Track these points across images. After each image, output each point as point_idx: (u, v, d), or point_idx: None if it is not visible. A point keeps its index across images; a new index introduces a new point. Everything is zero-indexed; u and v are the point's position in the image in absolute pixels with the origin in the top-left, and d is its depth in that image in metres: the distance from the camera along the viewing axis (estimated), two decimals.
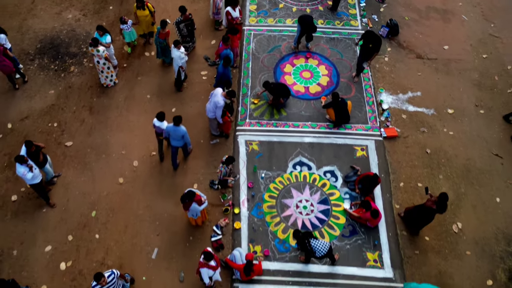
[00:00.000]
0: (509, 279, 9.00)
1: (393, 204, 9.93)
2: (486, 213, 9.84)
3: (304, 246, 8.40)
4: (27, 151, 9.20)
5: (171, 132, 9.65)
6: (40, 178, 9.35)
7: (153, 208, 10.02)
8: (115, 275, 7.64)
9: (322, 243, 8.41)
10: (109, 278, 7.54)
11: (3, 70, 11.07)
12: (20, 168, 8.91)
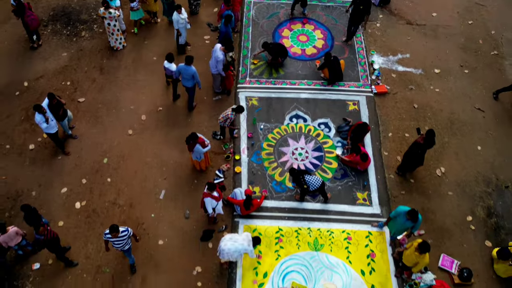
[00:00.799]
0: (487, 215, 9.73)
1: (381, 152, 10.66)
2: (468, 159, 10.57)
3: (299, 181, 9.14)
4: (49, 103, 9.89)
5: (182, 71, 10.37)
6: (55, 129, 10.06)
7: (160, 156, 10.75)
8: (128, 233, 8.17)
9: (315, 178, 9.15)
10: (122, 234, 8.04)
11: (32, 25, 11.86)
12: (37, 116, 9.61)
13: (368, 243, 9.29)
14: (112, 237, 7.95)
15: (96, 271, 9.09)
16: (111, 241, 8.08)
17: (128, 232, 8.16)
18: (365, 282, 8.82)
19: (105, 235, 8.03)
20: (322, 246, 9.23)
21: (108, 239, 8.10)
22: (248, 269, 9.01)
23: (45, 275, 9.05)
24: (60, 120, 10.30)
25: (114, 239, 8.01)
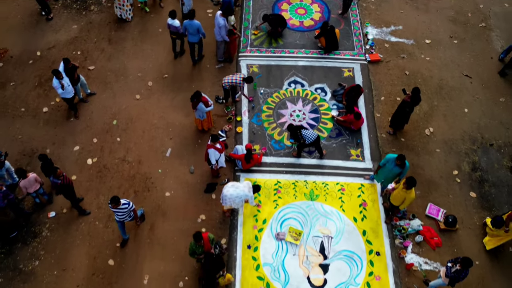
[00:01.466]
0: (472, 169, 10.34)
1: (374, 113, 11.27)
2: (455, 120, 11.17)
3: (296, 135, 9.75)
4: (65, 67, 10.48)
5: (188, 26, 11.08)
6: (71, 94, 10.65)
7: (166, 118, 11.36)
8: (129, 206, 8.37)
9: (311, 132, 9.76)
10: (123, 206, 8.26)
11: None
12: (55, 81, 10.20)
13: (361, 193, 9.91)
14: (113, 208, 8.22)
15: (107, 220, 9.72)
16: (113, 211, 8.38)
17: (129, 206, 8.36)
18: (357, 227, 9.44)
19: (109, 204, 8.30)
20: (318, 197, 9.85)
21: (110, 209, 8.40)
22: (249, 216, 9.63)
23: (60, 222, 9.68)
24: (74, 85, 10.87)
25: (115, 209, 8.29)
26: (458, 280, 7.74)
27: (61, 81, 10.08)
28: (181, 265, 9.10)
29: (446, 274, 7.83)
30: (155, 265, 9.10)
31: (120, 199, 8.21)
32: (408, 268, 8.93)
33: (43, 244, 9.36)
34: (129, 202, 8.40)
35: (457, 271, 7.66)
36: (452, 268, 7.76)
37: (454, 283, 7.85)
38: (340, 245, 9.19)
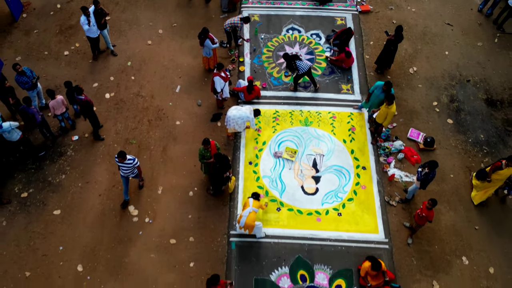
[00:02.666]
0: (450, 101, 11.38)
1: (364, 55, 12.31)
2: (436, 61, 12.21)
3: (291, 65, 10.77)
4: (95, 9, 11.45)
5: None
6: (96, 35, 11.63)
7: (176, 61, 12.40)
8: (134, 162, 8.74)
9: (304, 63, 10.77)
10: (128, 161, 8.66)
11: None
12: (82, 17, 11.17)
13: (350, 120, 10.98)
14: (119, 162, 8.64)
15: (124, 143, 10.80)
16: (119, 165, 8.79)
17: (134, 162, 8.75)
18: (346, 147, 10.52)
19: (115, 158, 8.74)
20: (311, 123, 10.92)
21: (117, 163, 8.79)
22: (250, 139, 10.70)
23: (82, 144, 10.76)
24: (101, 29, 11.79)
25: (121, 164, 8.70)
26: (428, 181, 8.82)
27: (88, 17, 11.06)
28: (191, 179, 10.19)
29: (417, 177, 8.91)
30: (168, 179, 10.19)
31: (127, 154, 8.66)
32: (390, 180, 10.02)
33: (68, 161, 10.45)
34: (134, 159, 8.81)
35: (426, 174, 8.74)
36: (422, 171, 8.84)
37: (425, 185, 8.93)
38: (330, 161, 10.27)
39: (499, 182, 9.29)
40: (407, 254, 9.03)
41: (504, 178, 9.17)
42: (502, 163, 8.97)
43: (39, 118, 9.86)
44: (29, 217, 9.58)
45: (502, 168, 8.98)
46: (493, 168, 9.12)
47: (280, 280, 8.68)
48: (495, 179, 9.17)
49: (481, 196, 9.56)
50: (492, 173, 9.14)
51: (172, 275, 8.85)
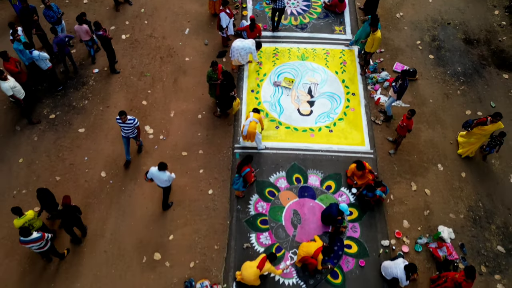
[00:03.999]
0: (432, 40, 12.46)
1: (355, 3, 13.40)
2: (421, 7, 13.27)
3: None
4: None
5: None
6: None
7: (184, 8, 13.45)
8: (134, 122, 9.12)
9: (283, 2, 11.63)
10: (129, 121, 9.05)
11: None
12: None
13: (342, 56, 12.08)
14: (121, 120, 8.99)
15: (140, 75, 11.91)
16: (121, 125, 9.19)
17: (134, 122, 9.14)
18: (338, 78, 11.64)
19: (117, 119, 9.18)
20: (307, 58, 12.03)
21: (118, 123, 9.21)
22: (252, 71, 11.82)
23: (102, 76, 11.87)
24: None
25: (123, 124, 9.11)
26: (403, 90, 9.92)
27: None
28: (199, 105, 11.31)
29: (394, 90, 10.04)
30: (179, 105, 11.31)
31: (127, 115, 9.13)
32: (376, 104, 11.14)
33: (90, 90, 11.58)
34: (134, 119, 9.21)
35: (400, 85, 9.86)
36: (396, 84, 9.95)
37: (400, 95, 10.04)
38: (324, 89, 11.39)
39: (483, 138, 9.69)
40: (389, 162, 10.18)
41: (487, 133, 9.55)
42: (488, 119, 9.32)
43: (68, 49, 10.98)
44: (57, 134, 10.71)
45: (486, 123, 9.31)
46: (478, 122, 9.48)
47: (278, 182, 9.84)
48: (479, 134, 9.58)
49: (467, 151, 10.14)
50: (476, 126, 9.51)
51: (184, 179, 10.01)
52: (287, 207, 9.47)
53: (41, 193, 8.54)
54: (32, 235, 7.69)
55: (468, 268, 7.39)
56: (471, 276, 7.31)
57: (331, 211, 8.80)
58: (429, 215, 9.40)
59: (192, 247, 9.06)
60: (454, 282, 7.50)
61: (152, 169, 8.71)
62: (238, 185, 9.21)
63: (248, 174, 9.11)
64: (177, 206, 9.61)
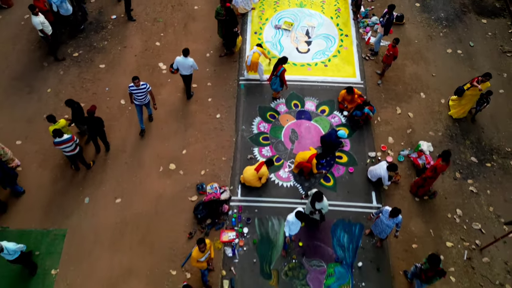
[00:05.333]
0: None
1: None
2: None
3: None
4: None
5: None
6: None
7: None
8: (147, 87, 9.55)
9: None
10: (142, 86, 9.42)
11: None
12: None
13: (336, 3, 13.16)
14: (135, 86, 9.39)
15: (153, 21, 12.99)
16: (134, 92, 9.57)
17: (146, 87, 9.55)
18: (333, 22, 12.72)
19: (129, 87, 9.60)
20: (305, 5, 13.11)
21: (131, 92, 9.58)
22: (255, 16, 12.88)
23: (120, 21, 12.94)
24: None
25: (136, 90, 9.49)
26: (389, 25, 10.98)
27: None
28: (207, 45, 12.38)
29: (381, 25, 11.10)
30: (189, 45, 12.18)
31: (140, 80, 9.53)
32: (367, 44, 12.23)
33: (109, 32, 12.68)
34: (147, 84, 9.59)
35: (387, 19, 10.91)
36: (383, 19, 10.99)
37: (387, 29, 11.08)
38: (320, 31, 12.48)
39: (474, 98, 10.12)
40: (377, 91, 11.31)
41: (477, 93, 9.96)
42: (478, 79, 9.79)
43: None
44: (80, 69, 11.84)
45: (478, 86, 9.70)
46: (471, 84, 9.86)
47: (278, 107, 10.98)
48: (470, 95, 10.03)
49: (458, 112, 10.55)
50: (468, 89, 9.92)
51: (194, 106, 11.14)
52: (286, 126, 10.61)
53: (69, 103, 9.62)
54: (64, 136, 8.83)
55: (444, 152, 8.48)
56: (446, 159, 8.43)
57: (331, 138, 9.87)
58: (411, 133, 10.53)
59: (203, 159, 10.20)
60: (432, 169, 8.64)
61: (177, 58, 10.16)
62: (276, 85, 10.47)
63: (283, 72, 10.14)
64: (188, 127, 10.74)
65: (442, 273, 7.15)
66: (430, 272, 7.21)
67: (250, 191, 9.61)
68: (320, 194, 8.03)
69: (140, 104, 9.92)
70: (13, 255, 7.93)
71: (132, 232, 9.18)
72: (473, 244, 8.94)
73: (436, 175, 8.63)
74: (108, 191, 9.75)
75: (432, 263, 7.09)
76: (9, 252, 7.81)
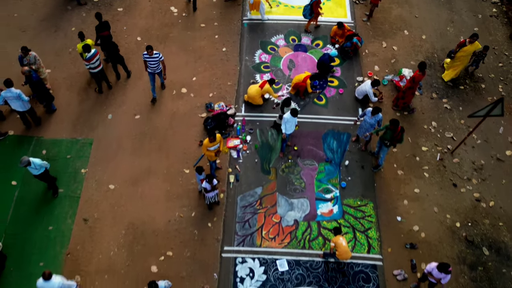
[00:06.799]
0: None
1: None
2: None
3: None
4: None
5: None
6: None
7: None
8: (159, 56, 9.95)
9: None
10: (155, 54, 9.83)
11: None
12: None
13: None
14: (148, 54, 9.83)
15: None
16: (147, 60, 10.02)
17: (159, 56, 9.96)
18: None
19: (143, 55, 10.08)
20: None
21: (145, 59, 10.00)
22: None
23: None
24: None
25: (150, 58, 9.90)
26: None
27: None
28: None
29: None
30: None
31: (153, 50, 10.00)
32: None
33: None
34: (159, 53, 10.02)
35: None
36: None
37: None
38: None
39: (464, 59, 10.59)
40: (366, 29, 12.51)
41: (468, 54, 10.46)
42: (466, 41, 10.32)
43: None
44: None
45: (466, 45, 10.32)
46: (459, 45, 10.44)
47: (278, 41, 12.21)
48: (461, 56, 10.50)
49: (451, 73, 11.04)
50: (458, 50, 10.44)
51: (203, 42, 12.33)
52: (284, 57, 11.87)
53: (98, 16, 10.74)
54: (92, 51, 10.08)
55: (420, 63, 9.68)
56: (422, 69, 9.64)
57: (323, 59, 11.14)
58: (395, 63, 11.77)
59: (211, 84, 11.45)
60: (411, 80, 9.89)
61: None
62: (306, 12, 11.74)
63: (316, 2, 11.45)
64: (198, 59, 11.95)
65: (402, 129, 8.54)
66: (396, 134, 8.49)
67: (252, 108, 10.87)
68: (288, 100, 9.26)
69: (152, 72, 10.33)
70: (38, 169, 8.73)
71: (150, 142, 10.44)
72: (445, 148, 10.20)
73: (414, 85, 9.87)
74: (128, 109, 11.01)
75: (394, 124, 8.37)
76: (35, 167, 8.66)
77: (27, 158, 8.48)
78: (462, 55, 10.57)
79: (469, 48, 10.41)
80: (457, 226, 9.06)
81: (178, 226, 9.12)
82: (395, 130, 8.50)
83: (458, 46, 10.56)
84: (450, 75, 11.15)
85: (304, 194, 9.43)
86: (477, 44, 10.40)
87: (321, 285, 8.27)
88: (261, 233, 8.90)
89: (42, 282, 7.40)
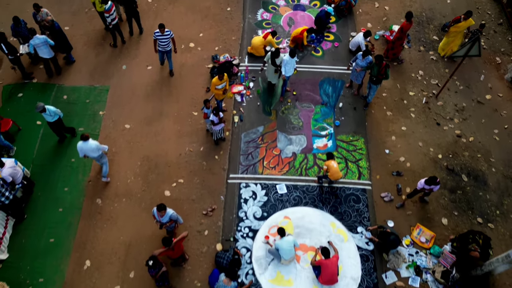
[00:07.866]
0: None
1: None
2: None
3: None
4: None
5: None
6: None
7: None
8: (170, 34, 10.33)
9: None
10: (166, 32, 10.18)
11: None
12: None
13: None
14: (160, 32, 10.16)
15: None
16: (158, 38, 10.33)
17: (170, 33, 10.32)
18: None
19: (154, 34, 10.33)
20: None
21: (156, 38, 10.32)
22: None
23: None
24: None
25: (161, 36, 10.25)
26: None
27: None
28: None
29: None
30: None
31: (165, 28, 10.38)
32: None
33: None
34: (170, 31, 10.38)
35: None
36: None
37: None
38: None
39: (458, 35, 10.98)
40: None
41: (461, 30, 10.82)
42: (461, 17, 10.70)
43: None
44: None
45: (460, 21, 10.74)
46: (453, 21, 10.95)
47: (278, 1, 13.07)
48: (455, 32, 10.89)
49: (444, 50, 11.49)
50: (452, 25, 10.88)
51: (208, 3, 13.19)
52: (284, 15, 12.73)
53: None
54: (108, 3, 10.94)
55: (407, 13, 10.48)
56: (409, 19, 10.47)
57: (321, 15, 11.99)
58: (386, 20, 12.64)
59: (216, 39, 12.32)
60: (399, 30, 10.75)
61: None
62: None
63: None
64: (204, 18, 12.80)
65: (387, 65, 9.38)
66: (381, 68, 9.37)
67: (255, 59, 11.75)
68: (277, 51, 10.00)
69: (162, 50, 10.72)
70: (53, 116, 9.16)
71: (162, 88, 11.33)
72: (430, 93, 11.10)
73: (402, 34, 10.74)
74: (141, 61, 11.90)
75: (379, 59, 9.30)
76: (50, 113, 9.16)
77: (42, 104, 8.98)
78: (455, 30, 11.03)
79: (463, 24, 10.77)
80: (439, 157, 9.97)
81: (188, 158, 10.02)
82: (380, 64, 9.39)
83: (453, 21, 11.10)
84: (445, 51, 11.63)
85: (301, 132, 10.33)
86: (471, 21, 10.77)
87: (316, 205, 9.18)
88: (263, 163, 9.81)
89: (81, 143, 8.37)
